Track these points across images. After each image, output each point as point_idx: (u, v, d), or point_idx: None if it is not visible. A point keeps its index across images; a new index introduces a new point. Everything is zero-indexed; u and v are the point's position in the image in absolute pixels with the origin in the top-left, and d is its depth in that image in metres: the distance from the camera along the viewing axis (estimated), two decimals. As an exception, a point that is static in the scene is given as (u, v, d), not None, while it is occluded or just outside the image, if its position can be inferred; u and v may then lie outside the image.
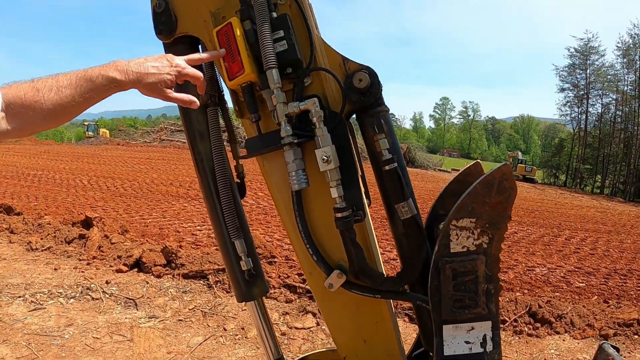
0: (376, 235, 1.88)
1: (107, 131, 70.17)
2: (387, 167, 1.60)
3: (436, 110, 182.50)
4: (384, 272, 1.77)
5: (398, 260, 1.87)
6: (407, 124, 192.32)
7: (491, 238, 1.55)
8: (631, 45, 63.48)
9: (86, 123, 73.58)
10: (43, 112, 1.46)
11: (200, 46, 1.87)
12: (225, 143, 1.88)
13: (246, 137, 1.74)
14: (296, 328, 6.46)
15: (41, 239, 9.81)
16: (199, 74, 1.61)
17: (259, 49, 1.56)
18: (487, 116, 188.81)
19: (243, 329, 6.31)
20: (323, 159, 1.51)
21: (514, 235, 15.44)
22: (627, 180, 61.41)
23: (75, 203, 15.47)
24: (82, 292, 7.17)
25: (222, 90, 1.86)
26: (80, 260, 8.79)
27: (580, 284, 10.34)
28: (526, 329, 6.60)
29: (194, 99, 1.60)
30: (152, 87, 1.55)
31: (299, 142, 1.56)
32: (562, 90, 72.62)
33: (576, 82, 71.36)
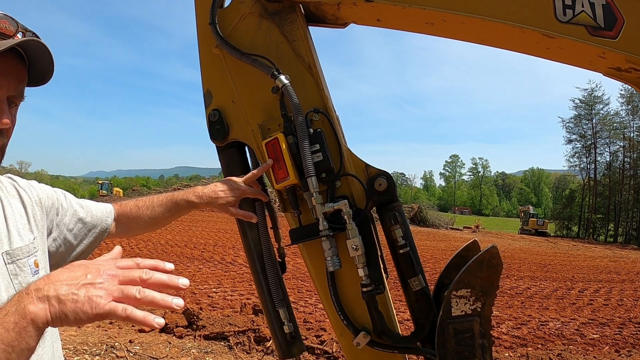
0: (393, 298, 2.31)
1: (121, 190, 70.20)
2: (401, 251, 2.05)
3: (446, 168, 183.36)
4: (400, 332, 2.18)
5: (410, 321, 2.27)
6: (418, 183, 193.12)
7: (484, 303, 1.98)
8: (634, 92, 64.03)
9: (100, 182, 73.41)
10: (142, 223, 2.16)
11: (247, 149, 2.34)
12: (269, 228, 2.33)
13: (289, 228, 2.19)
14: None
15: (63, 298, 10.13)
16: (255, 191, 2.19)
17: (300, 159, 2.01)
18: (497, 171, 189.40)
19: (265, 388, 6.57)
20: (353, 248, 1.95)
21: (527, 291, 15.54)
22: (640, 227, 61.01)
23: (92, 264, 15.79)
24: (106, 350, 7.44)
25: (266, 186, 2.32)
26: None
27: (595, 336, 10.44)
28: (538, 382, 6.79)
29: (253, 215, 2.19)
30: (220, 207, 2.13)
31: (333, 234, 2.01)
32: (570, 141, 73.27)
33: (583, 132, 71.95)
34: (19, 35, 1.44)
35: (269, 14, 2.23)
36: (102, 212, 2.03)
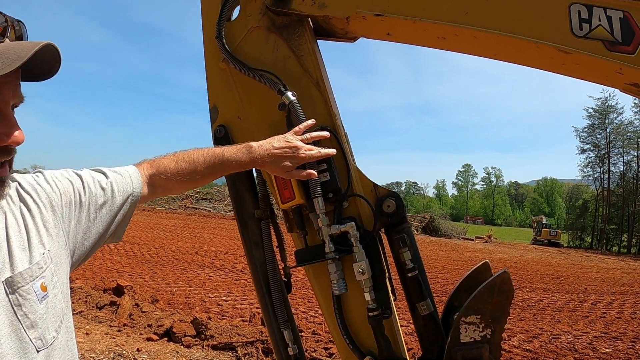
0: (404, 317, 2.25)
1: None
2: (410, 274, 2.00)
3: (459, 177, 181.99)
4: (407, 357, 2.12)
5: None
6: (430, 192, 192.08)
7: (494, 330, 1.92)
8: (648, 101, 63.54)
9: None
10: (182, 183, 1.88)
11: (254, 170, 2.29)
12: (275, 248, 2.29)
13: (295, 249, 2.14)
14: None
15: (72, 302, 10.14)
16: (315, 154, 1.93)
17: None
18: (510, 181, 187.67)
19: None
20: (359, 272, 1.91)
21: (539, 303, 15.36)
22: (654, 238, 60.36)
23: (102, 267, 15.80)
24: (113, 358, 7.40)
25: (272, 205, 2.27)
26: (111, 326, 9.05)
27: (607, 350, 10.27)
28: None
29: (312, 172, 1.94)
30: (273, 170, 1.93)
31: (339, 257, 1.96)
32: (583, 151, 72.58)
33: (596, 142, 71.27)
34: (9, 30, 1.29)
35: (276, 28, 2.19)
36: (127, 185, 1.77)
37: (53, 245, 1.48)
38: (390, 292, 2.07)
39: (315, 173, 1.94)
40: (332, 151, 1.99)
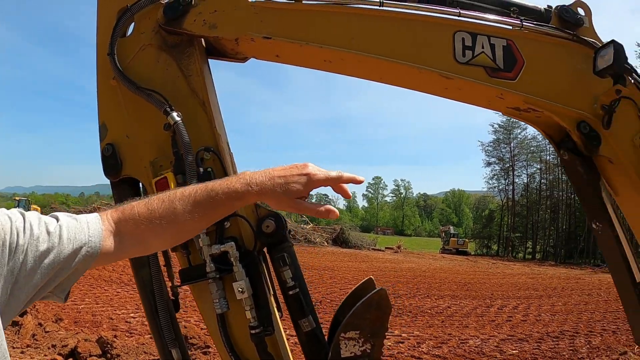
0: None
1: (39, 208, 66.65)
2: (291, 292, 2.05)
3: (369, 189, 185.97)
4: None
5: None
6: (341, 204, 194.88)
7: (373, 344, 2.01)
8: (551, 118, 67.25)
9: (17, 198, 69.59)
10: (155, 226, 1.44)
11: (141, 185, 2.27)
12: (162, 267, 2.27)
13: (180, 268, 2.14)
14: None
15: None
16: (334, 175, 1.53)
17: None
18: (419, 193, 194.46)
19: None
20: (239, 290, 1.94)
21: (447, 310, 15.87)
22: (556, 244, 63.82)
23: (3, 287, 14.86)
24: (16, 383, 7.00)
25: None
26: (13, 348, 8.53)
27: (514, 351, 10.74)
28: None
29: (332, 208, 1.51)
30: (279, 198, 1.47)
31: (220, 276, 1.98)
32: (489, 164, 75.98)
33: (501, 155, 74.88)
34: None
35: (168, 47, 2.20)
36: (81, 233, 1.36)
37: None
38: (274, 309, 2.11)
39: (337, 212, 1.52)
40: (361, 178, 1.57)
